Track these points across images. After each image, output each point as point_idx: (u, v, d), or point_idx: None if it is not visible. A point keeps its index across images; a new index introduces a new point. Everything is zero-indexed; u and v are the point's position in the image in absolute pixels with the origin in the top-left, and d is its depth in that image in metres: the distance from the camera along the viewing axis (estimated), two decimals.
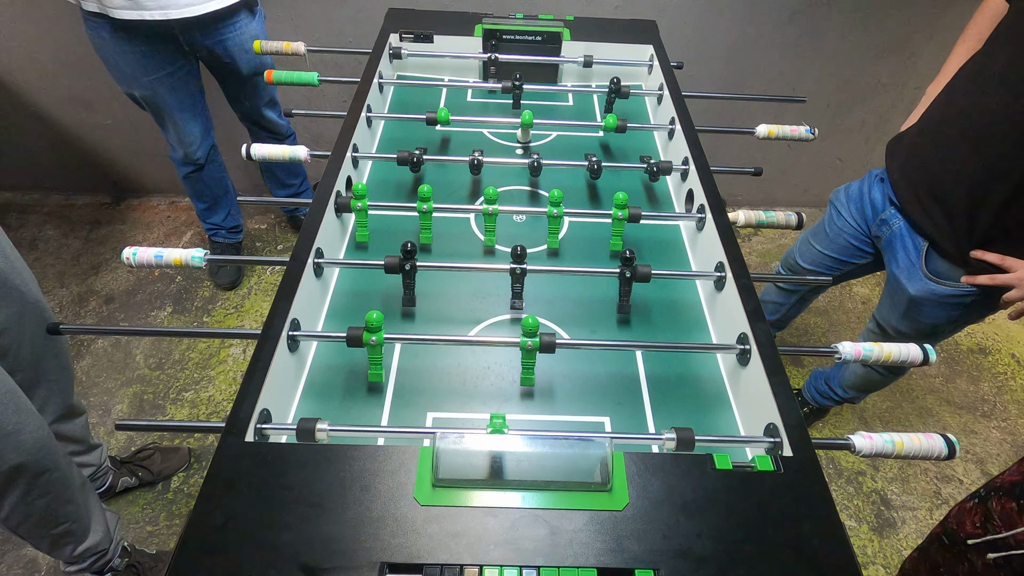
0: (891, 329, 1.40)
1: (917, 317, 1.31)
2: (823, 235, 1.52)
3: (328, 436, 0.74)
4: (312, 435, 0.73)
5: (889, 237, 1.31)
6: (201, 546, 0.61)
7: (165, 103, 1.74)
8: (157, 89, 1.70)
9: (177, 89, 1.74)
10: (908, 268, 1.26)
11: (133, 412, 1.83)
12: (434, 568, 0.60)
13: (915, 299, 1.27)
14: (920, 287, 1.25)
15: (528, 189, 1.26)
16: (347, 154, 1.13)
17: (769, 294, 1.80)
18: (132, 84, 1.68)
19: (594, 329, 0.99)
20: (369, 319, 0.82)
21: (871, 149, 2.48)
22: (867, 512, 1.75)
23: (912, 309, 1.30)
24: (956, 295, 1.22)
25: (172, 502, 1.65)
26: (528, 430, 0.75)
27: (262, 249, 2.43)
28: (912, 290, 1.27)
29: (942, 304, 1.25)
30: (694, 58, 2.09)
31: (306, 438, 0.73)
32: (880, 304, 1.44)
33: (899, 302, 1.33)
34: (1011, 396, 2.09)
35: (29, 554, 1.54)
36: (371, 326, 0.82)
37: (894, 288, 1.34)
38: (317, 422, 0.73)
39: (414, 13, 1.56)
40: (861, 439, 0.76)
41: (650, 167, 1.20)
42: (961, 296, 1.22)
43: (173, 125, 1.81)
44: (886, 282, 1.39)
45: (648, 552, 0.62)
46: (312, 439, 0.73)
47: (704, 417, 0.88)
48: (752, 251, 2.57)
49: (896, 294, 1.34)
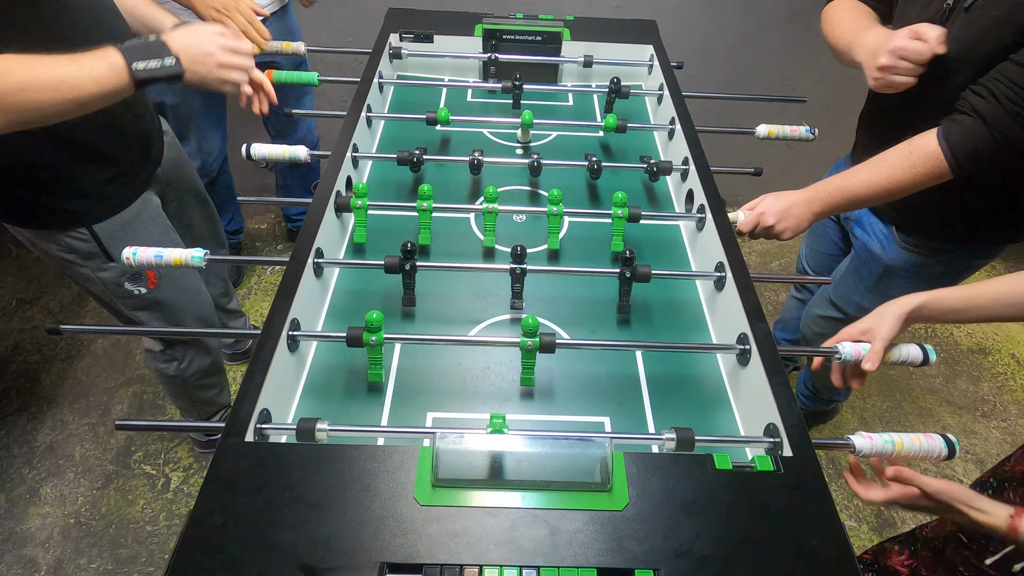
0: (854, 308, 1.37)
1: (887, 291, 1.27)
2: (812, 235, 1.52)
3: (328, 436, 0.74)
4: (312, 435, 0.73)
5: (858, 215, 1.30)
6: (201, 546, 0.61)
7: (194, 111, 1.71)
8: (187, 96, 1.66)
9: (208, 97, 1.70)
10: (881, 237, 1.24)
11: (133, 412, 1.83)
12: (434, 568, 0.60)
13: (890, 268, 1.24)
14: (896, 255, 1.23)
15: (528, 189, 1.26)
16: (347, 154, 1.13)
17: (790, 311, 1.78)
18: (165, 90, 1.63)
19: (594, 329, 0.99)
20: (369, 319, 0.82)
21: None
22: (867, 512, 1.75)
23: (884, 281, 1.27)
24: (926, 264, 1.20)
25: (172, 502, 1.65)
26: (528, 430, 0.75)
27: (262, 249, 2.43)
28: (887, 259, 1.24)
29: (914, 275, 1.23)
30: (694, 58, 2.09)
31: (306, 438, 0.73)
32: (841, 284, 1.40)
33: (869, 274, 1.30)
34: (1011, 396, 2.08)
35: (29, 554, 1.54)
36: (371, 326, 0.83)
37: (863, 261, 1.31)
38: (317, 422, 0.73)
39: (414, 13, 1.56)
40: (861, 439, 0.76)
41: (650, 167, 1.20)
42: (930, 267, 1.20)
43: (197, 135, 1.77)
44: (851, 260, 1.36)
45: (648, 552, 0.62)
46: (312, 439, 0.73)
47: (704, 417, 0.88)
48: (752, 251, 2.57)
49: (865, 267, 1.31)
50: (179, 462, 1.74)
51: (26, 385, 1.90)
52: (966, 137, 0.90)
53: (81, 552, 1.55)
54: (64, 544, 1.56)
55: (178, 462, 1.74)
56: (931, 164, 0.93)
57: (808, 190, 1.04)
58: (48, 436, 1.78)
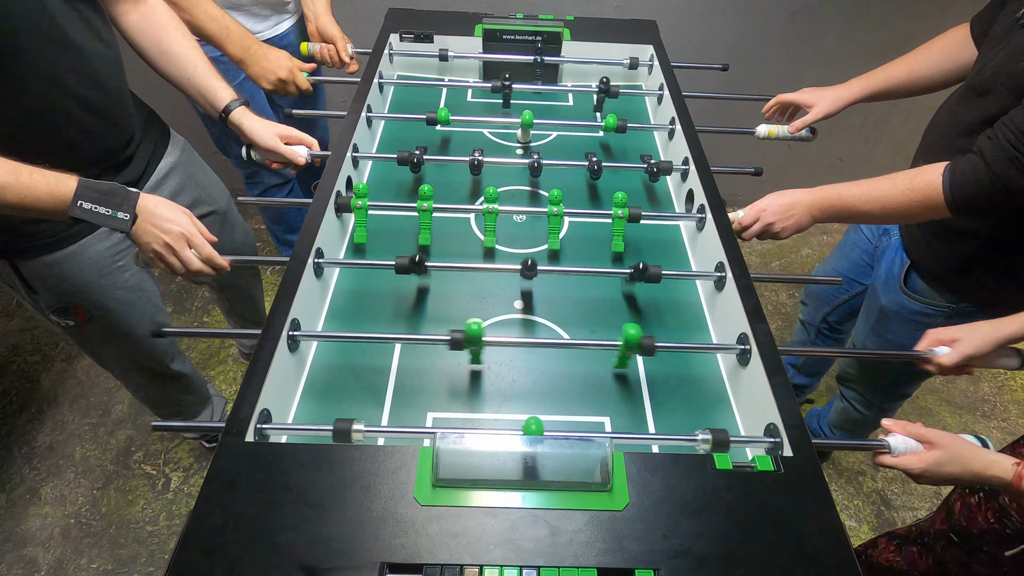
0: (861, 347, 1.37)
1: (884, 333, 1.28)
2: (838, 252, 1.49)
3: (364, 437, 0.73)
4: (348, 436, 0.72)
5: (884, 247, 1.30)
6: (201, 546, 0.61)
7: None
8: None
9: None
10: (887, 279, 1.24)
11: (133, 412, 1.83)
12: (434, 568, 0.60)
13: (885, 310, 1.24)
14: (892, 299, 1.22)
15: (528, 189, 1.25)
16: (347, 154, 1.13)
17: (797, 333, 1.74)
18: None
19: (594, 329, 0.99)
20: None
21: (871, 149, 2.48)
22: (867, 512, 1.75)
23: (881, 323, 1.28)
24: (925, 313, 1.19)
25: (172, 502, 1.65)
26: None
27: (262, 249, 2.43)
28: (884, 300, 1.24)
29: (911, 322, 1.22)
30: (694, 58, 2.09)
31: (342, 439, 0.72)
32: (857, 323, 1.40)
33: (871, 314, 1.30)
34: (1011, 396, 2.08)
35: (29, 554, 1.54)
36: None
37: (871, 300, 1.31)
38: (353, 423, 0.73)
39: (414, 13, 1.56)
40: (895, 439, 0.76)
41: (650, 167, 1.20)
42: (929, 316, 1.19)
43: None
44: (866, 297, 1.36)
45: (648, 552, 0.62)
46: (348, 440, 0.72)
47: (704, 417, 0.88)
48: (752, 251, 2.57)
49: (870, 306, 1.31)
50: (179, 462, 1.74)
51: (26, 385, 1.90)
52: (967, 175, 0.89)
53: (81, 552, 1.55)
54: (64, 544, 1.56)
55: (178, 462, 1.74)
56: (928, 193, 0.93)
57: (812, 192, 1.03)
58: (48, 436, 1.78)
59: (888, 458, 0.77)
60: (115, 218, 0.83)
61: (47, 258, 1.02)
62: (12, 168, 0.77)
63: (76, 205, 0.80)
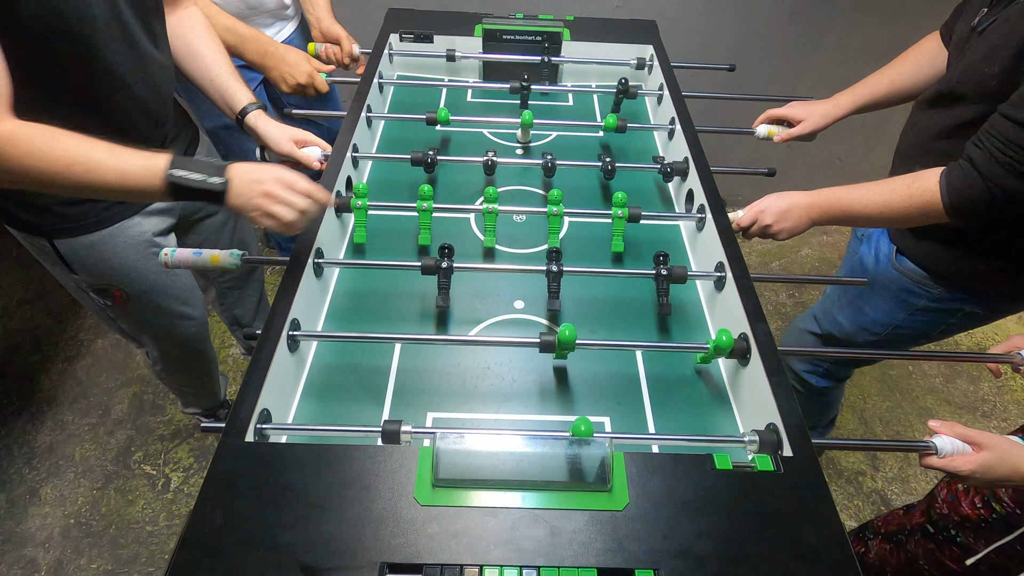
0: (828, 322, 1.37)
1: (862, 307, 1.28)
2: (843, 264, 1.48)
3: (412, 439, 0.73)
4: (397, 437, 0.72)
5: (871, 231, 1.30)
6: (201, 546, 0.61)
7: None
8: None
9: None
10: (878, 254, 1.24)
11: (133, 412, 1.83)
12: (434, 568, 0.60)
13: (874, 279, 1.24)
14: (884, 269, 1.22)
15: (535, 191, 1.25)
16: (347, 154, 1.13)
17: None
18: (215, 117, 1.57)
19: (594, 329, 0.99)
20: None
21: (871, 149, 2.48)
22: (867, 512, 1.75)
23: (862, 296, 1.27)
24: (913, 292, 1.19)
25: (172, 502, 1.65)
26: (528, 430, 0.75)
27: (262, 249, 2.43)
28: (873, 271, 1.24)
29: (895, 299, 1.22)
30: (694, 58, 2.09)
31: (391, 440, 0.72)
32: (826, 298, 1.39)
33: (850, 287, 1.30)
34: (1011, 396, 2.08)
35: (29, 554, 1.54)
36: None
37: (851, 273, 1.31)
38: (401, 424, 0.73)
39: (414, 13, 1.56)
40: (941, 439, 0.75)
41: (664, 168, 1.20)
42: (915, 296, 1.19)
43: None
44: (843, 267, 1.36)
45: (648, 552, 0.62)
46: (397, 441, 0.72)
47: (704, 417, 0.88)
48: (752, 251, 2.57)
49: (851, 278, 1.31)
50: (179, 462, 1.74)
51: (26, 385, 1.90)
52: (964, 183, 0.90)
53: (81, 552, 1.55)
54: (64, 544, 1.56)
55: (178, 462, 1.74)
56: (927, 200, 0.94)
57: (811, 194, 1.03)
58: (48, 436, 1.78)
59: (935, 460, 0.75)
60: (209, 182, 0.82)
61: (84, 239, 1.04)
62: (107, 146, 0.79)
63: (172, 173, 0.81)
